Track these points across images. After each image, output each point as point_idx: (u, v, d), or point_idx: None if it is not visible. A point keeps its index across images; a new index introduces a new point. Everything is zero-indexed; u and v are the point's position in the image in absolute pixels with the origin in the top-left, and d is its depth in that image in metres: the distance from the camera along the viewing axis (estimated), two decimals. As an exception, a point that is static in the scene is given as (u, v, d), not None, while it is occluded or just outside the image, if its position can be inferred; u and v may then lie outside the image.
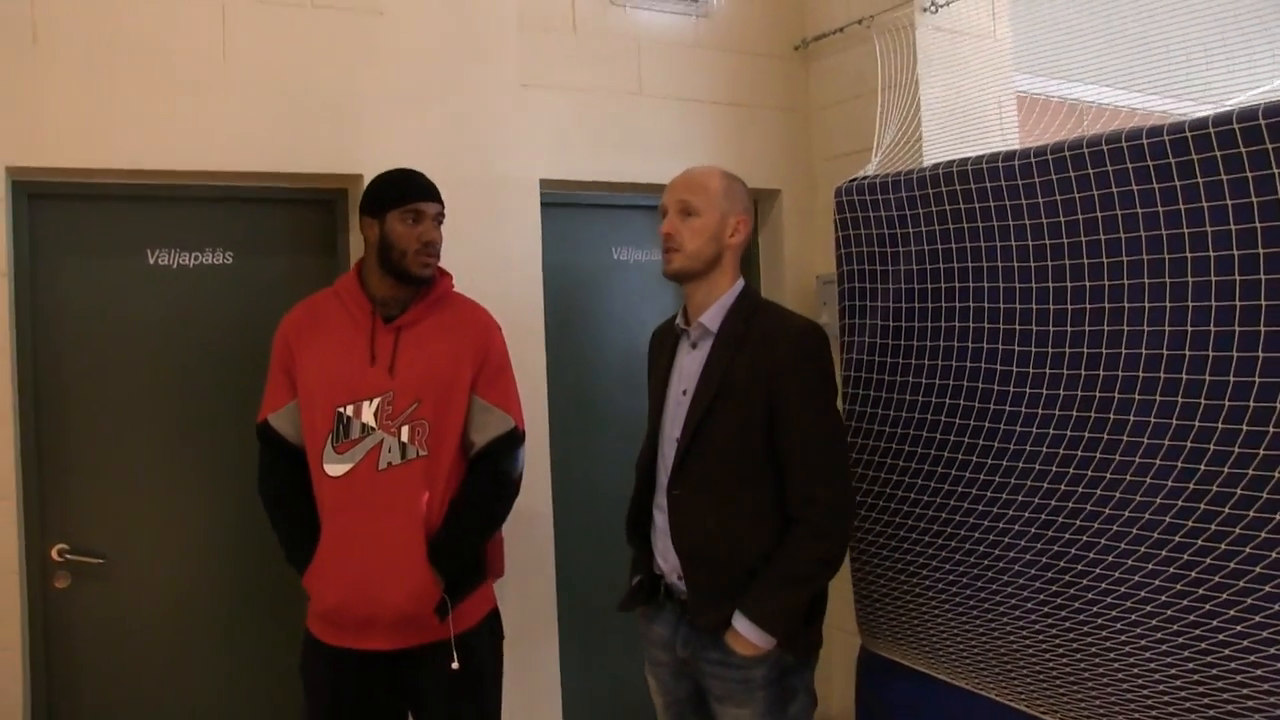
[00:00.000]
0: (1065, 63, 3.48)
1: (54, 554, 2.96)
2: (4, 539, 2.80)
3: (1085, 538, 2.37)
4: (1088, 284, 2.36)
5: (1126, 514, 2.28)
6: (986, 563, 2.62)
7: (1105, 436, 2.32)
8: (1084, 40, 3.24)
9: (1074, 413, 2.39)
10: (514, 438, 2.57)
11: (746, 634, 2.26)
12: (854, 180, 3.07)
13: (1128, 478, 2.27)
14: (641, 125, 3.66)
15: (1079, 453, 2.38)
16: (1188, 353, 2.16)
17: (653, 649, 2.56)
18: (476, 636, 2.55)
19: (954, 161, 2.70)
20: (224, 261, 3.19)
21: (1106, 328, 2.32)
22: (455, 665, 2.42)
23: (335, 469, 2.44)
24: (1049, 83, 3.66)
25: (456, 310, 2.61)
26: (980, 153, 2.65)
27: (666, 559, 2.44)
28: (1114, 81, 3.35)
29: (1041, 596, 2.49)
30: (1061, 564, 2.43)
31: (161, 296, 3.11)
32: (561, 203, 3.65)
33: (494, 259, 3.35)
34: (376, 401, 2.44)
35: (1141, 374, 2.25)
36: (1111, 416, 2.31)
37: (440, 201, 2.56)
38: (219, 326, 3.15)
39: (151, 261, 3.12)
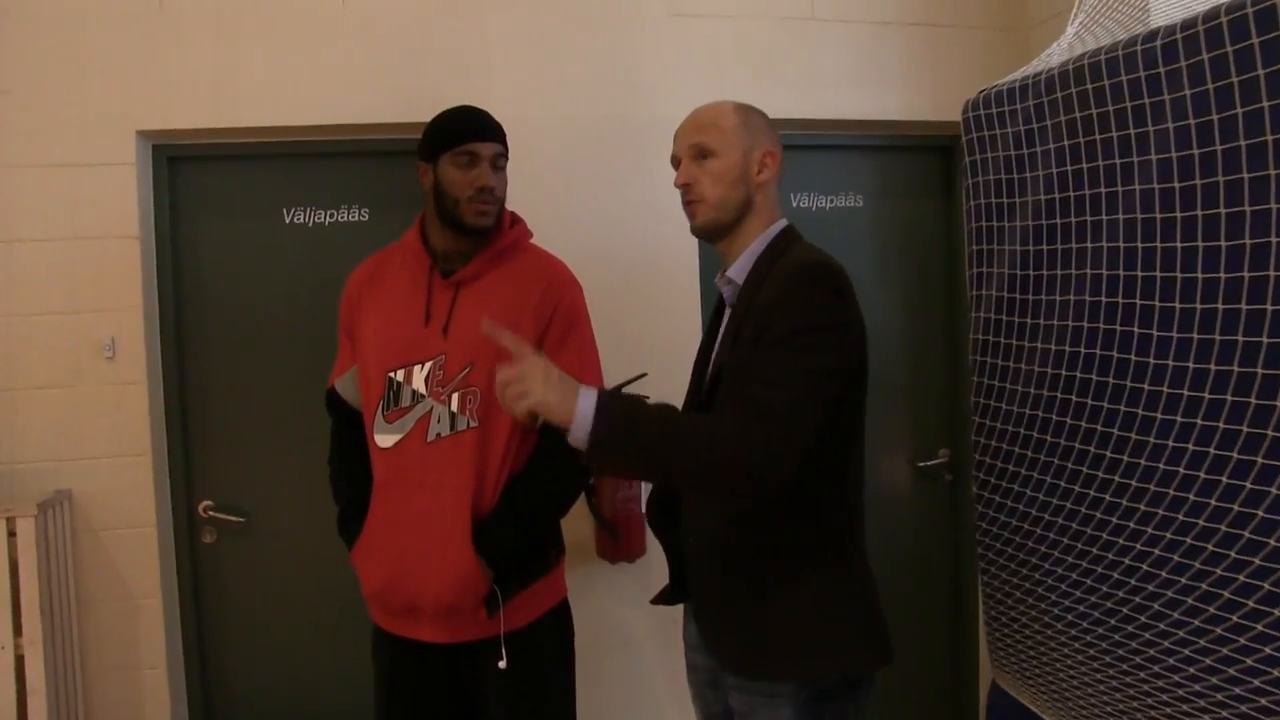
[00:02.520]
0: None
1: (200, 510, 3.02)
2: (141, 495, 2.88)
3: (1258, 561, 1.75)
4: (1247, 209, 1.72)
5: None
6: (1124, 594, 2.06)
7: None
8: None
9: (1252, 399, 1.74)
10: None
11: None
12: (984, 91, 2.48)
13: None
14: (815, 54, 3.20)
15: (1260, 459, 1.72)
16: None
17: (689, 652, 2.17)
18: (537, 634, 2.26)
19: (1087, 52, 2.09)
20: (360, 218, 3.10)
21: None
22: (503, 664, 2.17)
23: (385, 439, 2.24)
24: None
25: (524, 263, 2.31)
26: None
27: None
28: None
29: (1200, 643, 1.87)
30: (1227, 594, 1.82)
31: (298, 255, 3.06)
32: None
33: (643, 211, 3.06)
34: (428, 366, 2.21)
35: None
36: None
37: (500, 140, 2.26)
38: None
39: (288, 220, 3.07)
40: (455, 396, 2.17)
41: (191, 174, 3.02)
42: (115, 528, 2.86)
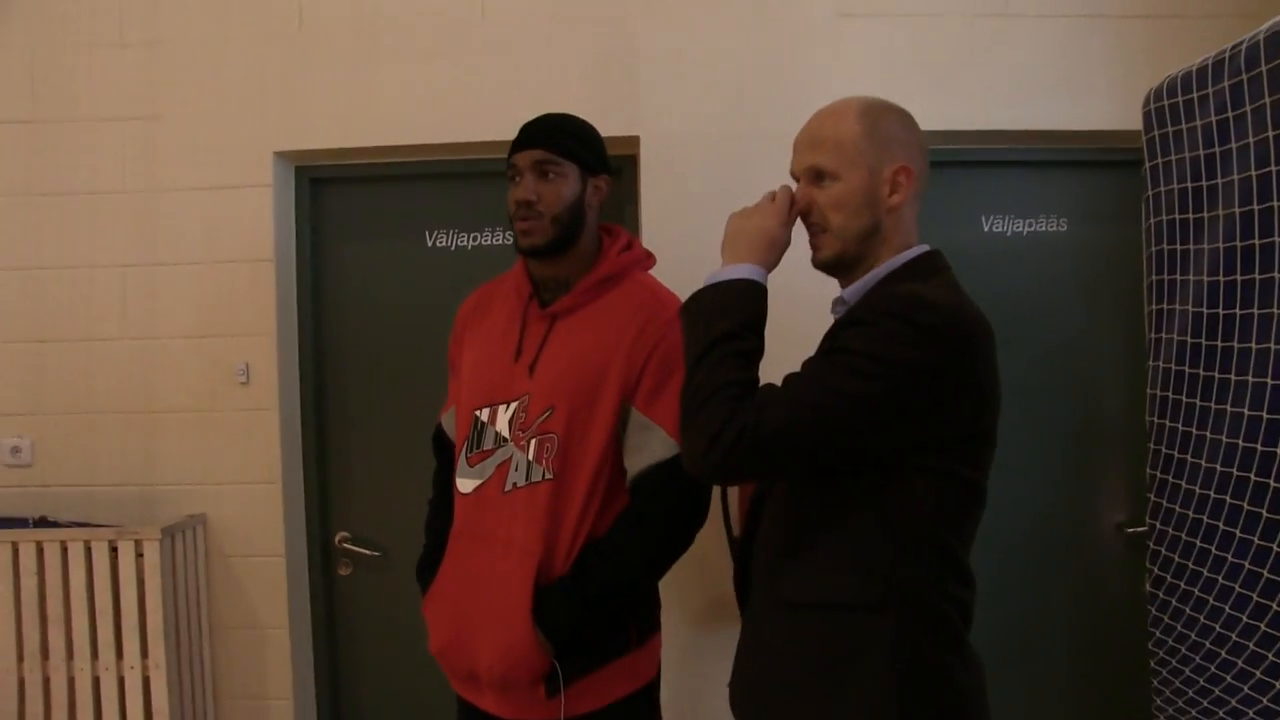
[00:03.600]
0: None
1: (336, 542, 2.94)
2: (270, 524, 2.82)
3: None
4: None
5: None
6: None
7: None
8: None
9: None
10: (677, 467, 1.84)
11: None
12: (1171, 77, 2.01)
13: None
14: (1006, 56, 2.79)
15: None
16: None
17: None
18: None
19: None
20: (504, 241, 2.95)
21: None
22: None
23: (465, 484, 2.04)
24: None
25: (626, 294, 2.03)
26: None
27: None
28: None
29: None
30: None
31: (440, 279, 2.94)
32: (901, 161, 2.90)
33: (800, 236, 2.73)
34: (513, 406, 1.99)
35: None
36: None
37: (546, 144, 1.99)
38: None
39: (430, 243, 2.95)
40: (533, 443, 1.94)
41: (333, 196, 2.96)
42: (246, 554, 2.82)
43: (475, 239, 2.94)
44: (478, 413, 2.03)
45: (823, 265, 1.67)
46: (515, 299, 2.09)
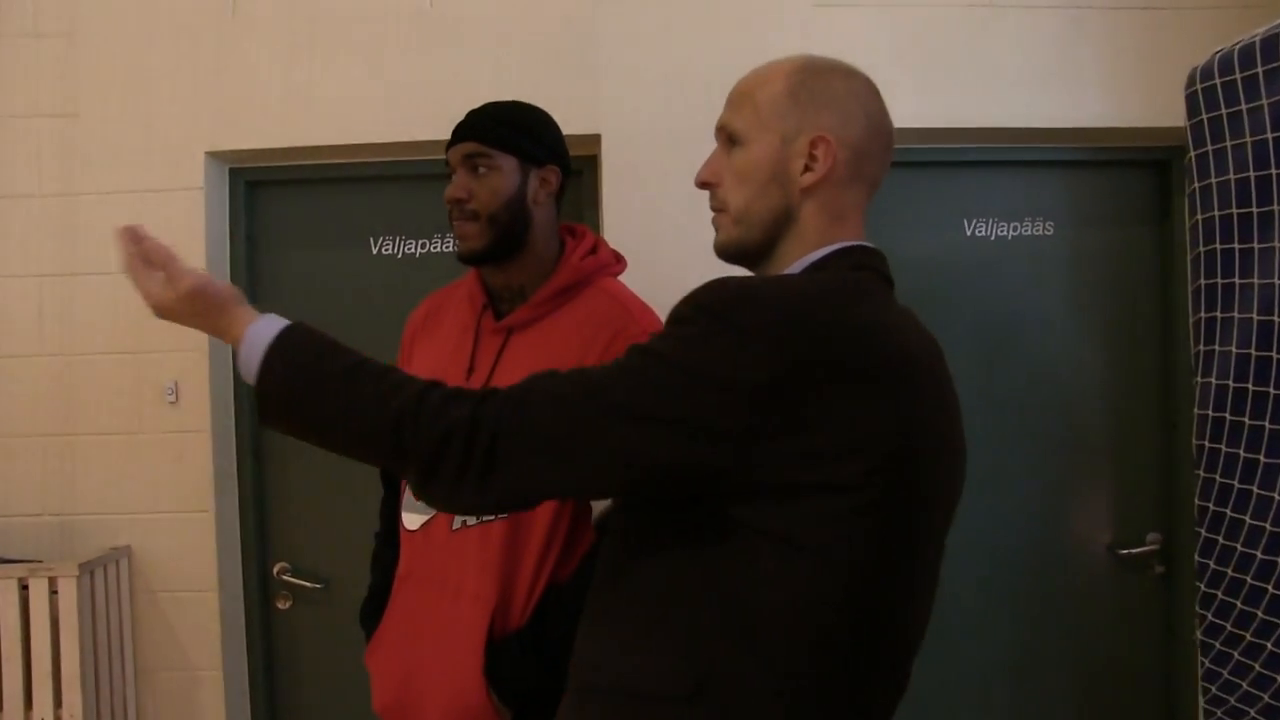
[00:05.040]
0: None
1: (275, 573, 2.72)
2: (202, 556, 2.59)
3: None
4: None
5: None
6: None
7: None
8: None
9: None
10: None
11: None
12: (1221, 52, 1.82)
13: None
14: (996, 49, 2.62)
15: None
16: None
17: None
18: None
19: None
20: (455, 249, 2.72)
21: None
22: None
23: (411, 519, 1.82)
24: None
25: (592, 305, 1.81)
26: None
27: None
28: None
29: None
30: None
31: (387, 289, 2.72)
32: (881, 161, 2.72)
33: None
34: None
35: None
36: None
37: (476, 135, 1.79)
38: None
39: (375, 250, 2.74)
40: None
41: (271, 200, 2.74)
42: (176, 590, 2.59)
43: (424, 246, 2.74)
44: None
45: (721, 253, 1.35)
46: (468, 309, 1.88)
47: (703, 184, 1.35)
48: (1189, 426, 2.75)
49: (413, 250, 2.73)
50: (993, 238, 2.79)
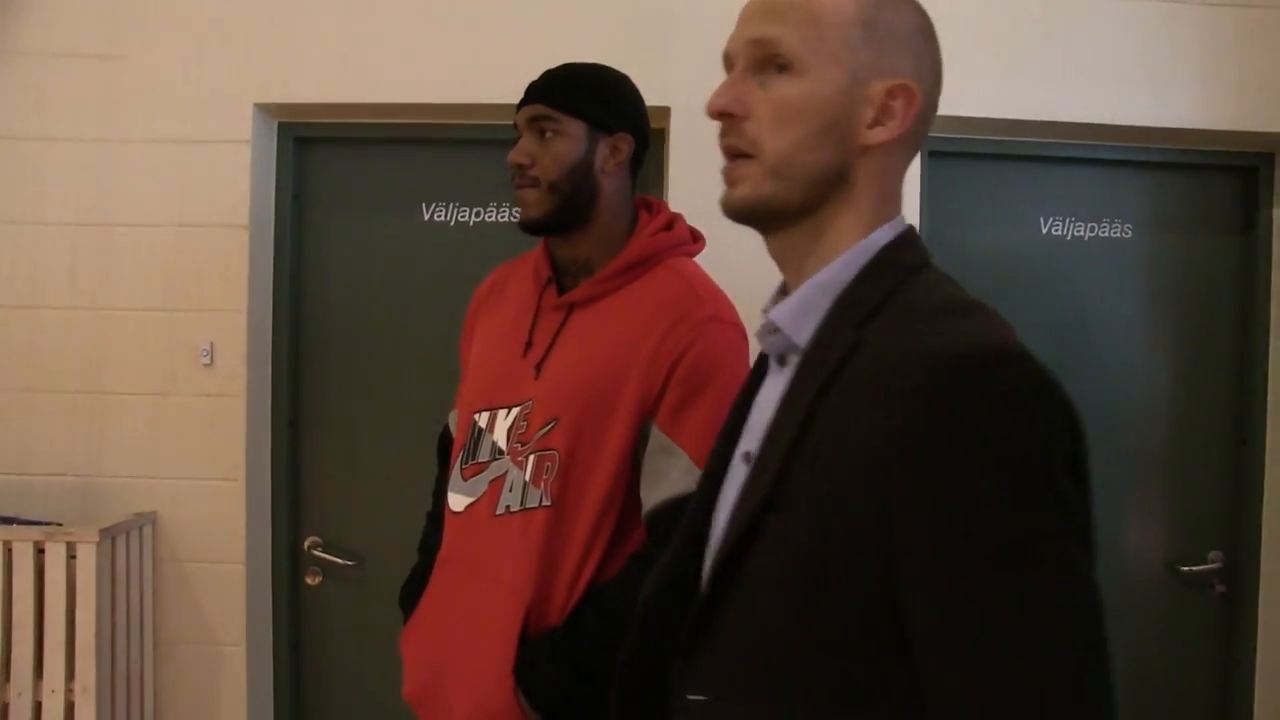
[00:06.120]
0: None
1: (306, 547, 2.61)
2: (231, 526, 2.48)
3: None
4: None
5: None
6: None
7: None
8: None
9: None
10: None
11: None
12: None
13: None
14: (1081, 38, 2.50)
15: None
16: None
17: None
18: None
19: None
20: (511, 218, 2.61)
21: None
22: None
23: (457, 500, 1.71)
24: None
25: (658, 285, 1.66)
26: None
27: None
28: None
29: None
30: None
31: (437, 259, 2.62)
32: (955, 151, 2.61)
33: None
34: (514, 413, 1.66)
35: None
36: None
37: (544, 98, 1.68)
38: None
39: (427, 217, 2.62)
40: (531, 459, 1.61)
41: (320, 159, 2.62)
42: (201, 560, 2.48)
43: (478, 214, 2.62)
44: (476, 417, 1.71)
45: (738, 211, 1.03)
46: (532, 283, 1.76)
47: (721, 113, 1.01)
48: (1261, 442, 2.68)
49: (466, 218, 2.61)
50: (1069, 237, 2.68)
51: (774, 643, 0.95)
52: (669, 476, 1.57)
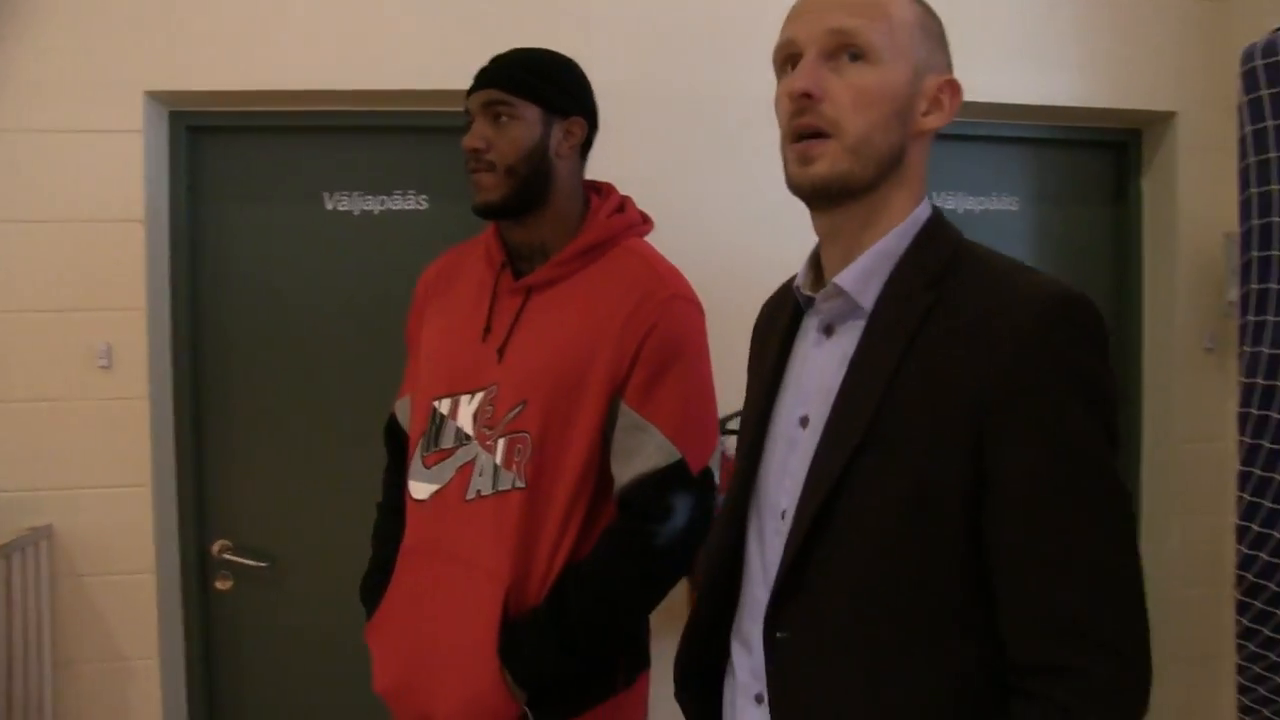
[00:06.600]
0: None
1: (215, 551, 2.51)
2: (139, 534, 2.37)
3: None
4: None
5: None
6: None
7: None
8: None
9: None
10: (674, 477, 1.60)
11: None
12: None
13: None
14: (970, 22, 2.58)
15: None
16: None
17: None
18: None
19: None
20: (415, 206, 2.57)
21: None
22: None
23: (419, 489, 1.70)
24: None
25: (620, 267, 1.69)
26: None
27: None
28: None
29: None
30: None
31: (341, 249, 2.55)
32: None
33: (739, 208, 2.51)
34: (478, 398, 1.66)
35: None
36: None
37: (498, 82, 1.67)
38: (411, 285, 2.47)
39: (330, 206, 2.55)
40: (501, 443, 1.61)
41: (216, 149, 2.51)
42: (105, 573, 2.36)
43: (383, 202, 2.56)
44: (436, 403, 1.69)
45: (817, 187, 1.12)
46: (485, 267, 1.75)
47: (804, 94, 1.10)
48: (1138, 399, 2.86)
49: (371, 207, 2.55)
50: (961, 211, 2.80)
51: (868, 577, 1.08)
52: (642, 452, 1.60)
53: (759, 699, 1.18)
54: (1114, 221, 2.91)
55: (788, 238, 2.41)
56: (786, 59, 1.16)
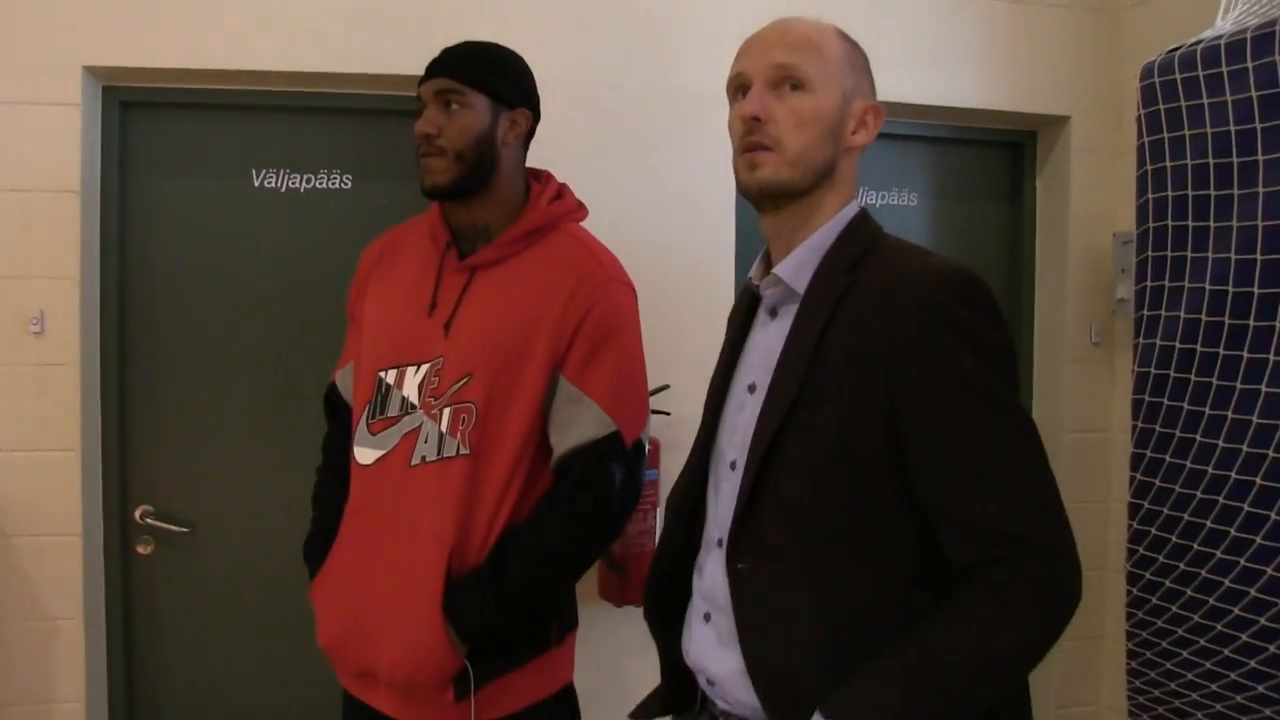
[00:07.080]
0: None
1: (137, 516, 2.58)
2: (66, 497, 2.44)
3: None
4: None
5: None
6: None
7: None
8: None
9: None
10: (609, 448, 1.75)
11: None
12: (1183, 49, 2.00)
13: None
14: (877, 28, 2.75)
15: None
16: None
17: None
18: None
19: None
20: (341, 185, 2.66)
21: None
22: None
23: (364, 454, 1.81)
24: None
25: (559, 250, 1.83)
26: None
27: (710, 658, 1.43)
28: None
29: None
30: None
31: (267, 225, 2.63)
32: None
33: (671, 198, 2.65)
34: (424, 369, 1.78)
35: None
36: None
37: (449, 71, 1.79)
38: (333, 261, 2.59)
39: (257, 184, 2.63)
40: (446, 412, 1.73)
41: (147, 124, 2.58)
42: (32, 534, 2.42)
43: (309, 181, 2.64)
44: (382, 374, 1.81)
45: (761, 189, 1.37)
46: (430, 246, 1.87)
47: (754, 117, 1.36)
48: (1029, 385, 3.04)
49: (297, 185, 2.64)
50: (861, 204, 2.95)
51: (806, 512, 1.32)
52: (578, 423, 1.75)
53: (707, 617, 1.44)
54: (1008, 218, 3.09)
55: (706, 228, 2.59)
56: (738, 88, 1.42)
